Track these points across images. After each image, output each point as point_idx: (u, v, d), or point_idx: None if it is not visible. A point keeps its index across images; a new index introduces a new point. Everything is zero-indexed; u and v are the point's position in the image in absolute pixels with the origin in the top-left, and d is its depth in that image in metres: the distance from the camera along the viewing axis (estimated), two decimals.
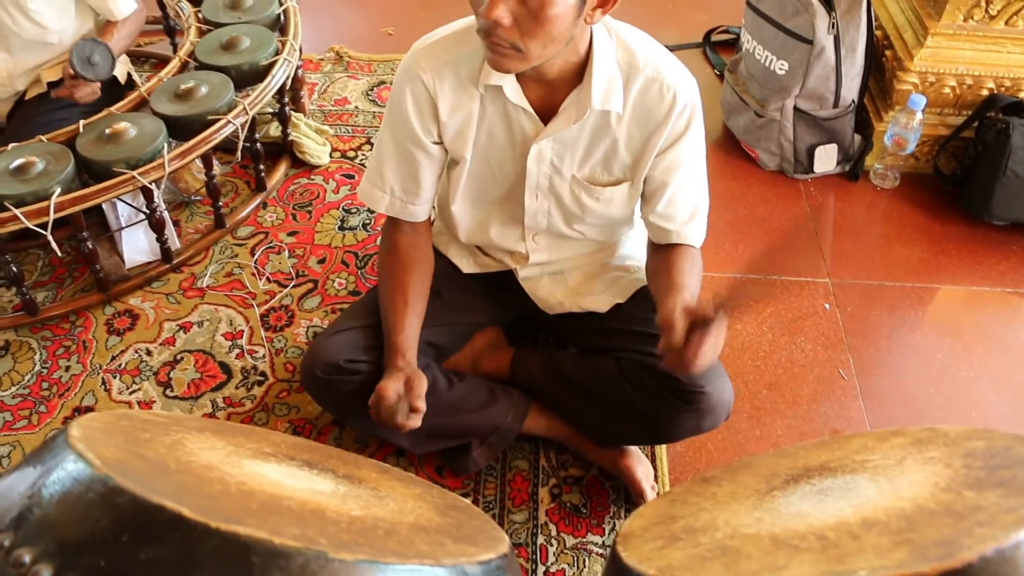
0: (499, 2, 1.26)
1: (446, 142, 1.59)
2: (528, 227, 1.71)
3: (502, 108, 1.53)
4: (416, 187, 1.65)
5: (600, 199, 1.63)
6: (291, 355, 2.10)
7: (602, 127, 1.53)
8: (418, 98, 1.54)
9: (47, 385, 2.07)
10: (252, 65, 2.31)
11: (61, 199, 1.97)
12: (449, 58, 1.51)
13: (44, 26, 2.28)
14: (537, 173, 1.60)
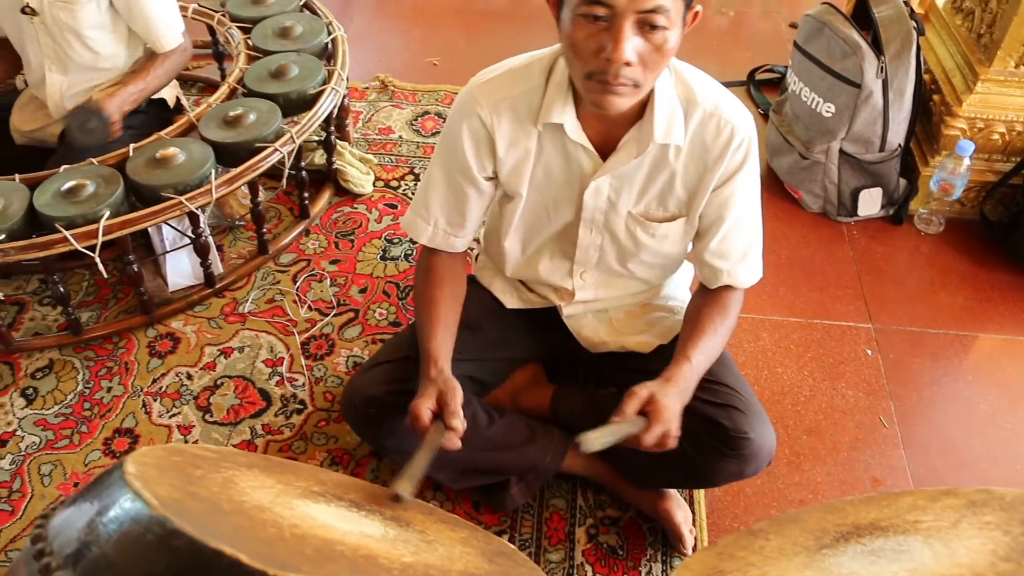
0: (627, 42, 1.26)
1: (501, 178, 1.59)
2: (578, 262, 1.71)
3: (560, 145, 1.53)
4: (461, 220, 1.65)
5: (655, 235, 1.62)
6: (331, 384, 2.10)
7: (660, 162, 1.52)
8: (475, 134, 1.54)
9: (89, 405, 2.08)
10: (300, 93, 2.33)
11: (110, 222, 1.99)
12: (507, 95, 1.51)
13: (98, 52, 2.32)
14: (593, 208, 1.59)
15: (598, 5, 1.25)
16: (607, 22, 1.27)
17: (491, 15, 3.65)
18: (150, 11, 2.29)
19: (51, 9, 2.23)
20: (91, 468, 1.96)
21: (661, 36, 1.28)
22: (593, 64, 1.31)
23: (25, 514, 1.88)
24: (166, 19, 2.34)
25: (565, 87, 1.46)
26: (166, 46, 2.36)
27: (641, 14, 1.25)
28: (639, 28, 1.27)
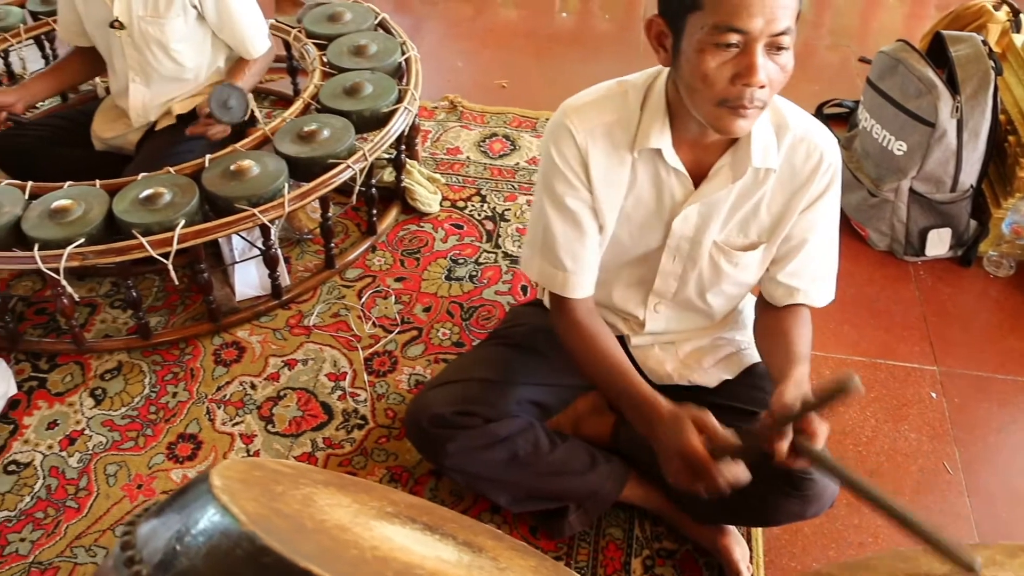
0: (762, 69, 1.27)
1: (596, 206, 1.56)
2: (655, 292, 1.70)
3: (653, 173, 1.52)
4: (585, 252, 1.58)
5: (737, 264, 1.62)
6: (392, 401, 2.12)
7: (749, 188, 1.52)
8: (571, 156, 1.52)
9: (154, 409, 2.12)
10: (373, 112, 2.37)
11: (185, 231, 2.03)
12: (602, 121, 1.50)
13: (182, 64, 2.39)
14: (680, 236, 1.58)
15: (733, 32, 1.25)
16: (739, 48, 1.27)
17: (559, 39, 3.67)
18: (241, 21, 2.36)
19: (139, 24, 2.29)
20: (154, 471, 1.99)
21: (785, 56, 1.30)
22: (727, 91, 1.30)
23: (90, 512, 1.92)
24: (256, 24, 2.41)
25: (662, 113, 1.46)
26: (256, 52, 2.43)
27: (772, 37, 1.26)
28: (767, 50, 1.27)
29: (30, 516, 1.92)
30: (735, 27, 1.25)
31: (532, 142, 2.91)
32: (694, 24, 1.29)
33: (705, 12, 1.26)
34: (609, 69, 3.27)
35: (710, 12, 1.26)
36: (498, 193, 2.70)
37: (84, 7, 2.38)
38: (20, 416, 2.12)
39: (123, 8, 2.29)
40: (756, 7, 1.23)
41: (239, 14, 2.36)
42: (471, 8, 4.01)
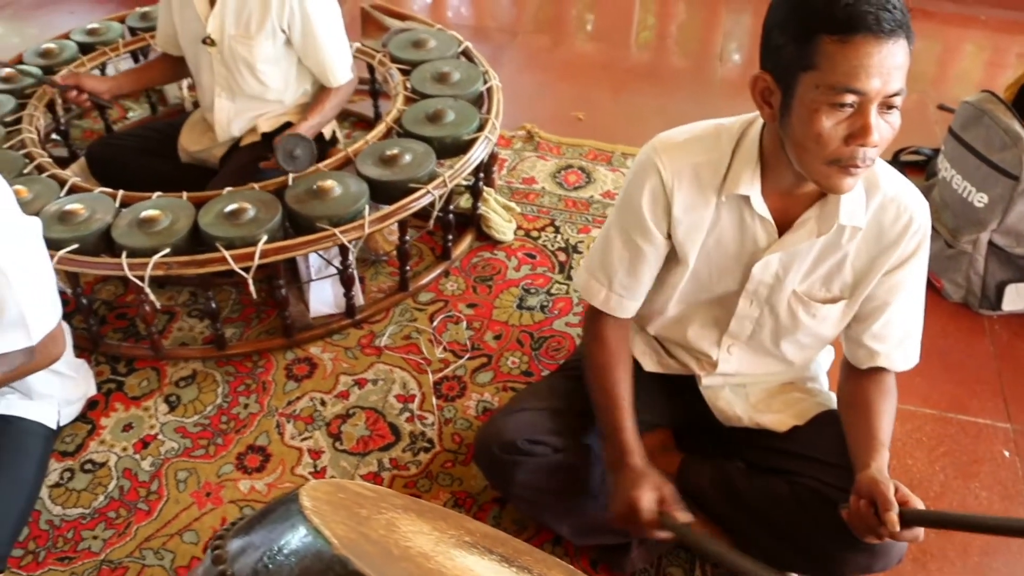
0: (875, 127, 1.28)
1: (675, 240, 1.59)
2: (729, 333, 1.71)
3: (738, 217, 1.54)
4: (635, 283, 1.65)
5: (816, 316, 1.62)
6: (459, 426, 2.14)
7: (834, 243, 1.53)
8: (654, 192, 1.54)
9: (226, 419, 2.17)
10: (455, 139, 2.40)
11: (266, 247, 2.08)
12: (692, 161, 1.52)
13: (267, 84, 2.45)
14: (759, 281, 1.59)
15: (849, 93, 1.26)
16: (854, 108, 1.28)
17: (637, 73, 3.69)
18: (325, 48, 2.41)
19: (230, 42, 2.36)
20: (223, 480, 2.03)
21: (895, 116, 1.31)
22: (840, 151, 1.31)
23: (160, 516, 1.96)
24: (339, 55, 2.46)
25: (754, 160, 1.47)
26: (338, 81, 2.47)
27: (887, 98, 1.27)
28: (879, 110, 1.28)
29: (103, 515, 1.97)
30: (852, 88, 1.25)
31: (607, 175, 2.92)
32: (807, 83, 1.29)
33: (821, 72, 1.27)
34: (681, 106, 3.30)
35: (827, 72, 1.26)
36: (572, 225, 2.72)
37: (180, 21, 2.47)
38: (98, 417, 2.18)
39: (216, 26, 2.36)
40: (874, 69, 1.24)
41: (324, 42, 2.41)
42: (549, 39, 4.05)
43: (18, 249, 1.63)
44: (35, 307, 1.66)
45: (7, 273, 1.59)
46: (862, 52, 1.24)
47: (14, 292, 1.60)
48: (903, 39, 1.25)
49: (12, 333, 1.64)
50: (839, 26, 1.24)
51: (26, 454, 1.85)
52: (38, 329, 1.68)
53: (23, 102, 2.66)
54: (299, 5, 2.31)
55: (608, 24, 4.17)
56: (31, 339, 1.67)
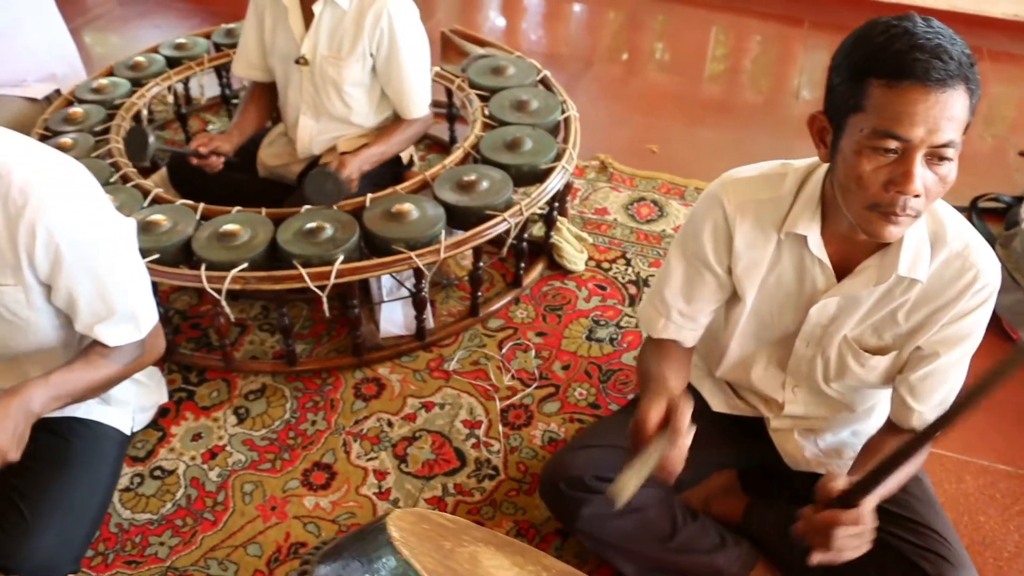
0: (917, 175, 1.26)
1: (734, 276, 1.60)
2: (790, 374, 1.70)
3: (798, 257, 1.53)
4: (695, 311, 1.65)
5: (864, 365, 1.60)
6: (525, 455, 2.14)
7: (891, 293, 1.50)
8: (716, 226, 1.56)
9: (293, 435, 2.19)
10: (532, 167, 2.41)
11: (343, 266, 2.10)
12: (755, 198, 1.53)
13: (351, 107, 2.49)
14: (815, 323, 1.58)
15: (892, 139, 1.25)
16: (897, 154, 1.26)
17: (711, 107, 3.68)
18: (406, 77, 2.44)
19: (321, 62, 2.40)
20: (288, 495, 2.05)
21: (946, 168, 1.28)
22: (879, 196, 1.30)
23: (225, 527, 1.99)
24: (419, 89, 2.48)
25: (815, 202, 1.47)
26: (413, 113, 2.50)
27: (933, 148, 1.25)
28: (926, 160, 1.26)
29: (170, 522, 2.00)
30: (895, 134, 1.24)
31: (680, 210, 2.91)
32: (854, 125, 1.29)
33: (867, 115, 1.26)
34: (756, 142, 3.28)
35: (872, 115, 1.26)
36: (643, 258, 2.71)
37: (272, 39, 2.51)
38: (168, 425, 2.22)
39: (310, 46, 2.40)
40: (919, 116, 1.23)
41: (406, 71, 2.44)
42: (623, 70, 4.07)
43: (123, 246, 1.68)
44: (141, 301, 1.72)
45: (115, 269, 1.64)
46: (908, 99, 1.22)
47: (122, 287, 1.66)
48: (958, 89, 1.23)
49: (124, 326, 1.69)
50: (888, 71, 1.23)
51: (102, 458, 1.89)
52: (146, 322, 1.74)
53: (111, 113, 2.73)
54: (389, 29, 2.35)
55: (682, 56, 4.17)
56: (140, 332, 1.72)
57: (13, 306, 1.63)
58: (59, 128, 2.65)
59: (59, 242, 1.54)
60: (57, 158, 1.61)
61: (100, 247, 1.61)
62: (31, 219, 1.50)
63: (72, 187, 1.58)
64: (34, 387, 1.60)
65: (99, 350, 1.70)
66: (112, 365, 1.72)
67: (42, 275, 1.59)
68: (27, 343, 1.73)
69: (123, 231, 1.70)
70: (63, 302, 1.64)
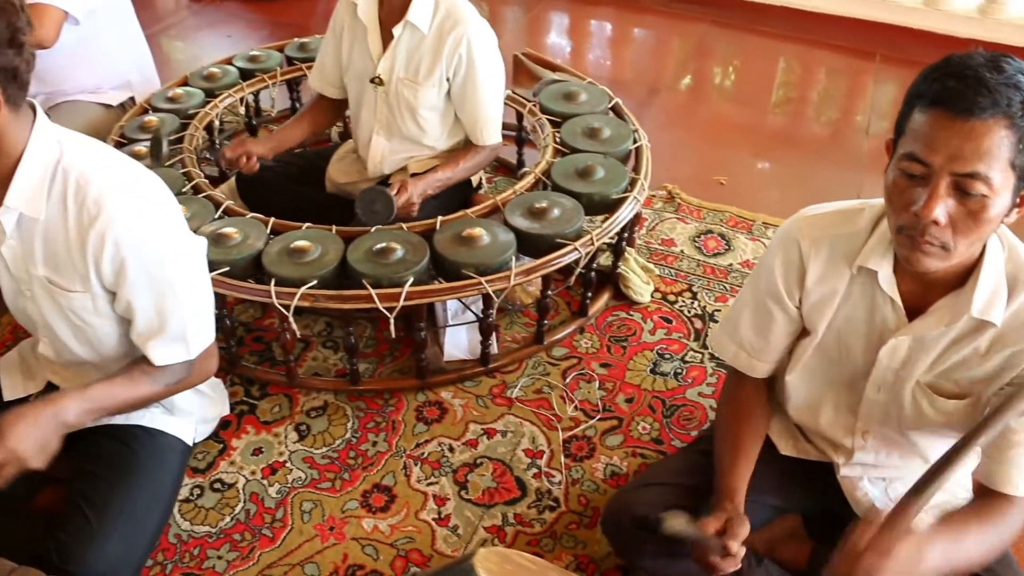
0: (938, 202, 1.26)
1: (804, 311, 1.60)
2: (861, 419, 1.66)
3: (869, 294, 1.51)
4: (765, 345, 1.67)
5: (940, 411, 1.55)
6: (586, 488, 2.11)
7: (966, 336, 1.46)
8: (789, 260, 1.56)
9: (354, 455, 2.18)
10: (603, 196, 2.39)
11: (412, 289, 2.10)
12: (830, 233, 1.53)
13: (424, 130, 2.49)
14: (886, 367, 1.55)
15: (916, 163, 1.28)
16: (924, 179, 1.28)
17: (781, 140, 3.64)
18: (481, 107, 2.44)
19: (397, 84, 2.41)
20: (347, 516, 2.04)
21: (978, 203, 1.26)
22: (904, 218, 1.31)
23: (283, 544, 1.99)
24: (492, 117, 2.48)
25: (888, 238, 1.45)
26: (484, 140, 2.49)
27: (957, 176, 1.25)
28: (955, 190, 1.26)
29: (228, 536, 2.00)
30: (918, 157, 1.27)
31: (747, 244, 2.88)
32: (898, 149, 1.33)
33: (905, 138, 1.31)
34: (825, 177, 3.23)
35: (908, 139, 1.31)
36: (709, 292, 2.68)
37: (349, 58, 2.52)
38: (229, 437, 2.23)
39: (387, 67, 2.41)
40: (941, 143, 1.25)
41: (481, 100, 2.44)
42: (690, 98, 4.04)
43: (188, 265, 1.69)
44: (196, 323, 1.72)
45: (176, 287, 1.65)
46: (934, 124, 1.25)
47: (180, 306, 1.66)
48: (991, 122, 1.22)
49: (174, 346, 1.70)
50: (926, 97, 1.27)
51: (165, 468, 1.90)
52: (197, 344, 1.74)
53: (185, 122, 2.76)
54: (468, 56, 2.35)
55: (749, 86, 4.13)
56: (190, 353, 1.72)
57: (81, 312, 1.67)
58: (134, 136, 2.68)
59: (125, 255, 1.56)
60: (135, 171, 1.63)
61: (164, 263, 1.62)
62: (101, 229, 1.53)
63: (145, 202, 1.61)
64: (70, 399, 1.62)
65: (144, 367, 1.71)
66: (153, 385, 1.73)
67: (107, 283, 1.62)
68: (92, 348, 1.76)
69: (192, 250, 1.72)
70: (123, 310, 1.67)
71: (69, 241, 1.57)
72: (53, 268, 1.62)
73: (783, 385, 1.72)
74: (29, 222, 1.57)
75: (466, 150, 2.54)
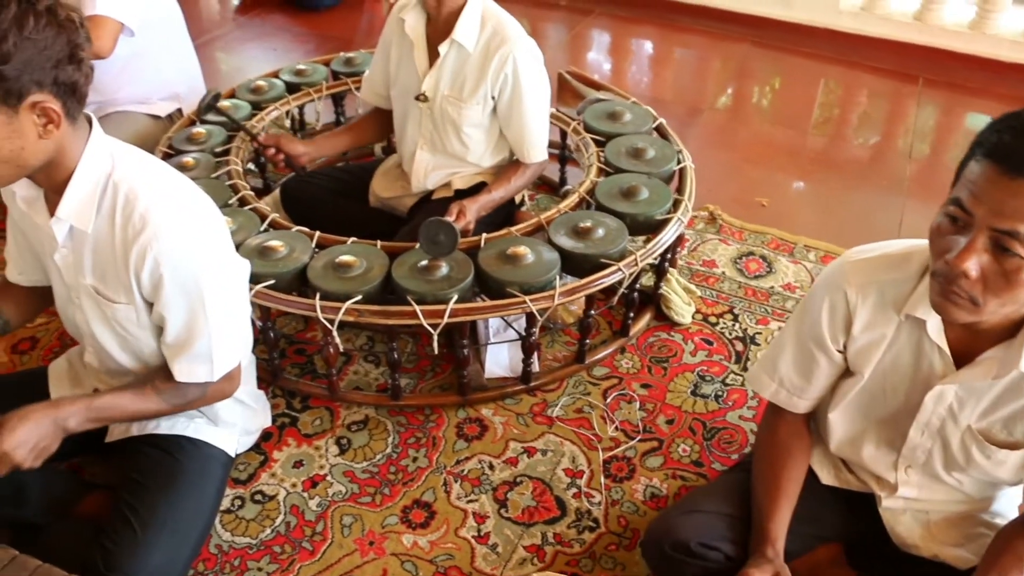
0: (972, 254, 1.24)
1: (848, 355, 1.58)
2: (903, 457, 1.65)
3: (916, 340, 1.50)
4: (805, 384, 1.66)
5: (991, 458, 1.54)
6: (626, 509, 2.11)
7: (1017, 387, 1.45)
8: (835, 307, 1.54)
9: (394, 470, 2.19)
10: (647, 217, 2.39)
11: (457, 306, 2.10)
12: (878, 279, 1.50)
13: (468, 147, 2.51)
14: (931, 412, 1.54)
15: (960, 209, 1.26)
16: (965, 228, 1.26)
17: (824, 163, 3.62)
18: (527, 125, 2.45)
19: (442, 101, 2.42)
20: (387, 531, 2.05)
21: (1013, 263, 1.24)
22: (938, 264, 1.30)
23: (323, 558, 2.00)
24: (538, 135, 2.49)
25: None
26: (532, 158, 2.50)
27: (997, 232, 1.23)
28: (993, 246, 1.24)
29: (268, 548, 2.02)
30: (963, 205, 1.26)
31: (788, 267, 2.86)
32: (951, 192, 1.31)
33: (958, 184, 1.30)
34: (870, 202, 3.21)
35: (960, 185, 1.30)
36: (751, 314, 2.67)
37: (396, 73, 2.54)
38: (271, 449, 2.24)
39: (432, 84, 2.43)
40: (985, 195, 1.23)
41: (528, 118, 2.45)
42: (732, 119, 4.02)
43: (224, 286, 1.71)
44: (224, 345, 1.73)
45: (207, 307, 1.66)
46: (984, 177, 1.23)
47: (209, 326, 1.67)
48: None
49: (198, 364, 1.71)
50: (984, 147, 1.26)
51: (209, 478, 1.91)
52: (222, 366, 1.75)
53: (232, 134, 2.79)
54: (514, 75, 2.36)
55: (791, 108, 4.11)
56: (212, 375, 1.73)
57: (125, 323, 1.70)
58: (182, 147, 2.71)
59: (163, 271, 1.58)
60: (184, 189, 1.66)
61: (200, 285, 1.64)
62: (144, 244, 1.56)
63: (190, 220, 1.63)
64: (75, 406, 1.64)
65: (157, 384, 1.73)
66: (161, 403, 1.75)
67: (146, 295, 1.65)
68: (135, 358, 1.79)
69: (232, 272, 1.74)
70: (156, 322, 1.69)
71: (115, 253, 1.60)
72: (100, 278, 1.65)
73: (825, 421, 1.71)
74: (79, 233, 1.60)
75: (514, 168, 2.54)
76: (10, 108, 1.38)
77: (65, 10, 1.42)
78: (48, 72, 1.39)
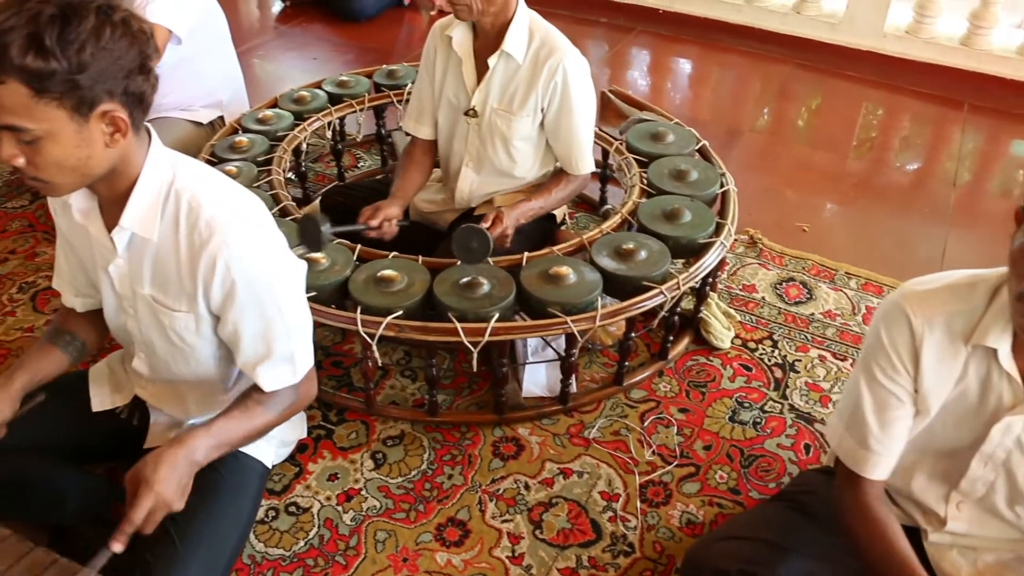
0: None
1: (919, 393, 1.53)
2: (959, 491, 1.61)
3: (985, 371, 1.46)
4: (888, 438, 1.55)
5: None
6: (661, 535, 2.09)
7: None
8: (903, 341, 1.49)
9: (429, 486, 2.19)
10: (689, 240, 2.38)
11: (498, 325, 2.10)
12: (944, 310, 1.47)
13: (516, 161, 2.49)
14: (997, 444, 1.50)
15: None
16: None
17: (864, 187, 3.58)
18: (576, 135, 2.44)
19: (491, 115, 2.42)
20: (420, 548, 2.04)
21: None
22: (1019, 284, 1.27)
23: (355, 573, 1.99)
24: (586, 145, 2.48)
25: (1007, 314, 1.40)
26: (580, 169, 2.49)
27: None
28: None
29: (302, 560, 2.01)
30: None
31: (829, 294, 2.83)
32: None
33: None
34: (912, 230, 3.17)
35: None
36: (790, 341, 2.64)
37: (442, 90, 2.53)
38: (306, 461, 2.24)
39: (481, 99, 2.42)
40: None
41: (576, 128, 2.44)
42: (772, 142, 3.99)
43: (292, 287, 1.71)
44: (301, 344, 1.74)
45: (283, 310, 1.67)
46: None
47: (287, 328, 1.68)
48: None
49: (281, 368, 1.71)
50: None
51: (246, 490, 1.91)
52: (303, 365, 1.75)
53: (274, 144, 2.80)
54: (563, 84, 2.35)
55: (833, 131, 4.08)
56: (296, 375, 1.73)
57: (182, 332, 1.69)
58: (225, 155, 2.73)
59: (236, 279, 1.58)
60: (243, 197, 1.66)
61: (273, 288, 1.64)
62: (213, 252, 1.55)
63: (255, 226, 1.63)
64: (199, 438, 1.63)
65: (256, 397, 1.72)
66: (268, 413, 1.74)
67: (214, 306, 1.64)
68: (188, 369, 1.78)
69: (295, 273, 1.74)
70: (228, 335, 1.68)
71: (180, 262, 1.60)
72: (160, 287, 1.65)
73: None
74: (140, 242, 1.61)
75: (558, 179, 2.53)
76: (81, 117, 1.39)
77: (138, 22, 1.43)
78: (120, 82, 1.40)
